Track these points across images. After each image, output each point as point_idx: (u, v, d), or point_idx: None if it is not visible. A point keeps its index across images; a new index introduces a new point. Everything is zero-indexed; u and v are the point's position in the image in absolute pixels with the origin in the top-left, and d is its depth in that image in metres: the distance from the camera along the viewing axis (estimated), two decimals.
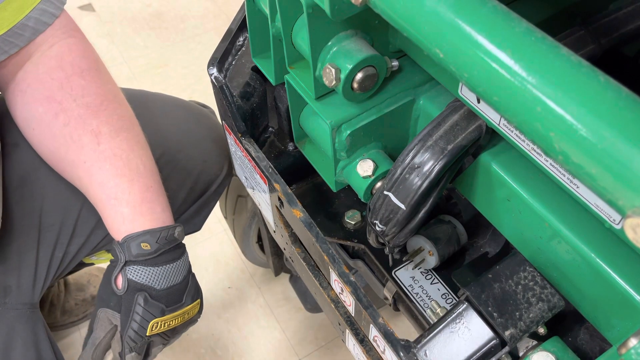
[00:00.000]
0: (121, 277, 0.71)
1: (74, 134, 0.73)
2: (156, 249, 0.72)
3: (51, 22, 0.74)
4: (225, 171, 1.01)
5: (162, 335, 0.74)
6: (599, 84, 0.34)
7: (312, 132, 0.71)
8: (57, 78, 0.74)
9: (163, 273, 0.73)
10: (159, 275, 0.72)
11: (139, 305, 0.71)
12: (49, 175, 0.82)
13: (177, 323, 0.75)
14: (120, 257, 0.71)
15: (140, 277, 0.71)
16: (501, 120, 0.52)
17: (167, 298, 0.73)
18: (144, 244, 0.71)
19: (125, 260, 0.71)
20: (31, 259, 0.82)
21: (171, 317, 0.74)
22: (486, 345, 0.55)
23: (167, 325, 0.73)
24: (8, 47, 0.71)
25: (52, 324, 1.37)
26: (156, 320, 0.72)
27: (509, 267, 0.57)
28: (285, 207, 0.77)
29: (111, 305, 0.73)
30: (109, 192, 0.73)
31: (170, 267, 0.74)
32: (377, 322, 0.63)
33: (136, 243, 0.71)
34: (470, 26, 0.39)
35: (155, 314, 0.72)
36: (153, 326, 0.72)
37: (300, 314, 1.43)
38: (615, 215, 0.46)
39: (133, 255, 0.71)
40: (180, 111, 0.99)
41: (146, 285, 0.71)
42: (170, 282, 0.73)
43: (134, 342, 0.71)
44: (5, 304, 0.80)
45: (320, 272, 0.82)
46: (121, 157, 0.73)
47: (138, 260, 0.71)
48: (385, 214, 0.58)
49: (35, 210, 0.82)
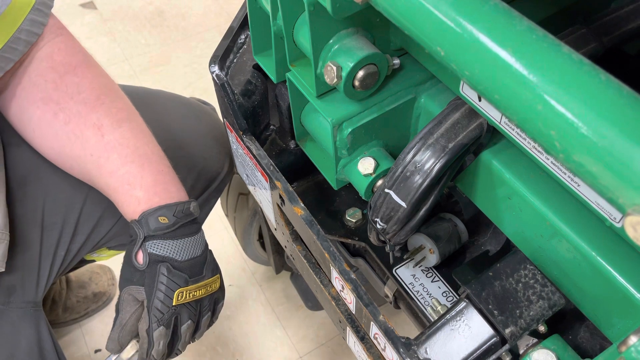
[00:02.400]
0: (141, 253, 0.71)
1: (76, 130, 0.73)
2: (174, 222, 0.72)
3: (41, 32, 0.73)
4: (227, 169, 1.01)
5: (189, 307, 0.73)
6: (600, 82, 0.34)
7: (314, 130, 0.71)
8: (51, 79, 0.74)
9: (183, 245, 0.73)
10: (179, 247, 0.72)
11: (162, 275, 0.70)
12: (51, 174, 0.83)
13: (201, 294, 0.74)
14: (139, 233, 0.71)
15: (160, 250, 0.71)
16: (502, 119, 0.52)
17: (189, 269, 0.73)
18: (162, 218, 0.71)
19: (144, 235, 0.70)
20: (34, 258, 0.82)
21: (195, 288, 0.73)
22: (487, 343, 0.55)
23: (192, 295, 0.73)
24: (4, 63, 0.70)
25: (54, 321, 1.38)
26: (181, 289, 0.71)
27: (509, 265, 0.57)
28: (286, 205, 0.77)
29: (134, 281, 0.72)
30: (121, 179, 0.73)
31: (189, 240, 0.74)
32: (377, 320, 0.63)
33: (154, 217, 0.71)
34: (471, 24, 0.39)
35: (179, 283, 0.71)
36: (178, 295, 0.71)
37: (301, 312, 1.44)
38: (615, 213, 0.46)
39: (151, 230, 0.70)
40: (182, 108, 0.99)
41: (168, 257, 0.71)
42: (190, 254, 0.73)
43: (161, 312, 0.70)
44: (10, 303, 0.80)
45: (321, 269, 0.82)
46: (128, 145, 0.74)
47: (157, 235, 0.71)
48: (386, 211, 0.58)
49: (38, 209, 0.82)
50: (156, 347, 0.72)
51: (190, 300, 0.73)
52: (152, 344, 0.71)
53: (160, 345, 0.72)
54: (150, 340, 0.71)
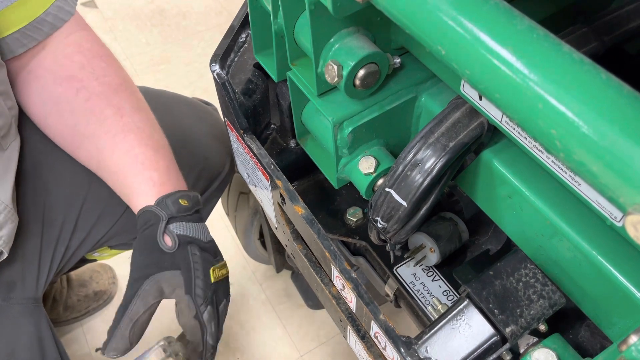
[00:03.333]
0: (167, 235, 0.69)
1: (95, 108, 0.74)
2: (192, 205, 0.72)
3: (67, 19, 0.76)
4: (227, 168, 1.01)
5: (222, 285, 0.73)
6: (600, 82, 0.34)
7: (314, 129, 0.71)
8: (78, 60, 0.76)
9: (203, 228, 0.73)
10: (201, 228, 0.72)
11: (195, 255, 0.69)
12: (52, 171, 0.83)
13: (224, 274, 0.74)
14: (161, 215, 0.69)
15: (187, 231, 0.70)
16: (503, 118, 0.52)
17: (212, 250, 0.74)
18: (182, 200, 0.71)
19: (168, 217, 0.69)
20: (35, 254, 0.82)
21: (220, 267, 0.73)
22: (487, 342, 0.55)
23: (221, 274, 0.73)
24: (27, 40, 0.73)
25: (55, 319, 1.38)
26: (213, 267, 0.71)
27: (510, 264, 0.57)
28: (287, 204, 0.77)
29: (165, 266, 0.68)
30: (134, 159, 0.73)
31: (204, 225, 0.74)
32: (378, 319, 0.63)
33: (173, 199, 0.70)
34: (472, 23, 0.39)
35: (210, 260, 0.71)
36: (213, 273, 0.70)
37: (301, 311, 1.44)
38: (616, 212, 0.46)
39: (174, 212, 0.70)
40: (183, 108, 0.99)
41: (194, 238, 0.71)
42: (209, 237, 0.74)
43: (204, 292, 0.68)
44: (10, 299, 0.80)
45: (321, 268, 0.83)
46: (144, 130, 0.75)
47: (180, 216, 0.70)
48: (386, 211, 0.58)
49: (39, 206, 0.82)
50: (209, 329, 0.69)
51: (220, 279, 0.72)
52: (206, 327, 0.69)
53: (212, 328, 0.70)
54: (202, 325, 0.69)
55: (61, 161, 0.83)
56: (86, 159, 0.79)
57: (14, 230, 0.76)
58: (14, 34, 0.71)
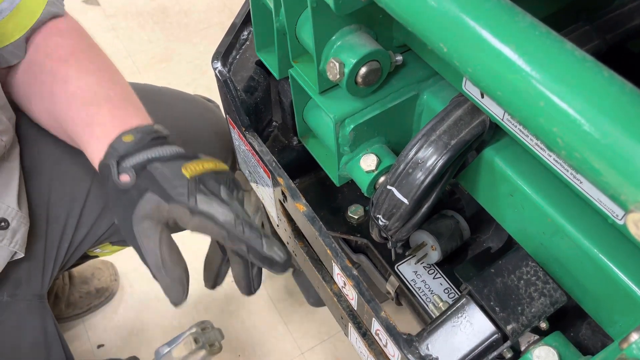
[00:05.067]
0: (123, 173, 0.61)
1: (50, 89, 0.72)
2: (140, 137, 0.63)
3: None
4: (229, 165, 1.01)
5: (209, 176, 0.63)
6: (603, 79, 0.34)
7: (316, 126, 0.71)
8: (35, 43, 0.74)
9: (162, 149, 0.63)
10: (159, 151, 0.63)
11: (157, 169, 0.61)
12: (55, 168, 0.83)
13: (211, 167, 0.64)
14: (109, 162, 0.61)
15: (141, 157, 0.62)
16: (505, 115, 0.52)
17: (181, 156, 0.63)
18: (126, 137, 0.63)
19: (117, 159, 0.61)
20: (40, 251, 0.83)
21: (196, 163, 0.63)
22: (488, 340, 0.55)
23: (203, 167, 0.63)
24: (21, 51, 0.73)
25: (57, 316, 1.38)
26: (185, 165, 0.62)
27: (511, 262, 0.57)
28: (288, 202, 0.77)
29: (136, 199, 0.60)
30: (81, 124, 0.68)
31: (168, 147, 0.64)
32: (379, 316, 0.63)
33: (117, 142, 0.63)
34: (474, 20, 0.39)
35: (178, 163, 0.62)
36: (186, 171, 0.61)
37: (303, 308, 1.44)
38: (618, 210, 0.46)
39: (120, 152, 0.62)
40: (185, 105, 0.99)
41: (152, 158, 0.62)
42: (174, 150, 0.64)
43: (181, 187, 0.60)
44: (16, 296, 0.81)
45: (323, 266, 0.83)
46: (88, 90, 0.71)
47: (129, 153, 0.62)
48: (388, 208, 0.58)
49: (43, 203, 0.83)
50: (221, 217, 0.59)
51: (204, 172, 0.62)
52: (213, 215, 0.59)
53: (225, 215, 0.59)
54: (205, 214, 0.59)
55: (63, 157, 0.84)
56: (65, 139, 0.76)
57: (26, 232, 0.76)
58: (8, 46, 0.71)
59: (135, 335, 1.42)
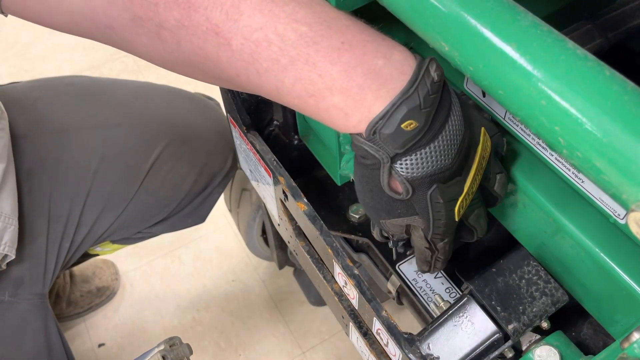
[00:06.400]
0: (396, 178, 0.47)
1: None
2: (425, 118, 0.43)
3: None
4: (230, 164, 1.01)
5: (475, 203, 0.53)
6: (604, 78, 0.34)
7: (317, 125, 0.71)
8: None
9: (441, 148, 0.45)
10: (439, 150, 0.46)
11: (437, 204, 0.48)
12: (56, 167, 0.83)
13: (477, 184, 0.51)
14: (381, 157, 0.45)
15: (420, 167, 0.46)
16: (506, 114, 0.52)
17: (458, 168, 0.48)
18: (407, 124, 0.43)
19: (390, 157, 0.45)
20: (41, 250, 0.83)
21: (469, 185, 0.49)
22: (489, 339, 0.55)
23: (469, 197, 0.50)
24: None
25: (58, 315, 1.38)
26: (459, 201, 0.49)
27: (512, 261, 0.57)
28: (289, 201, 0.77)
29: (399, 213, 0.51)
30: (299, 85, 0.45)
31: (453, 126, 0.46)
32: (380, 315, 0.63)
33: (392, 127, 0.43)
34: (475, 19, 0.38)
35: (454, 196, 0.49)
36: (460, 205, 0.50)
37: (303, 307, 1.44)
38: (619, 209, 0.46)
39: (399, 147, 0.44)
40: (187, 103, 1.00)
41: (432, 173, 0.46)
42: (453, 154, 0.46)
43: (442, 235, 0.53)
44: (18, 295, 0.81)
45: (324, 265, 0.82)
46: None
47: (407, 149, 0.45)
48: None
49: (44, 202, 0.83)
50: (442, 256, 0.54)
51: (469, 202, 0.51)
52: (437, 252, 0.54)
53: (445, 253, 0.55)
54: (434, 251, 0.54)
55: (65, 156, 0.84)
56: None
57: (16, 233, 0.76)
58: None
59: (136, 334, 1.42)
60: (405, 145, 0.44)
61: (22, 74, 2.05)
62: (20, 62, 2.11)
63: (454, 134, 0.46)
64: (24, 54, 2.13)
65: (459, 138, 0.46)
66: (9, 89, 0.90)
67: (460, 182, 0.49)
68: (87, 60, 2.06)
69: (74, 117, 0.88)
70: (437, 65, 0.43)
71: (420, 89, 0.43)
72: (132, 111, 0.93)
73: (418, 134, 0.44)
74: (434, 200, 0.48)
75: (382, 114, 0.43)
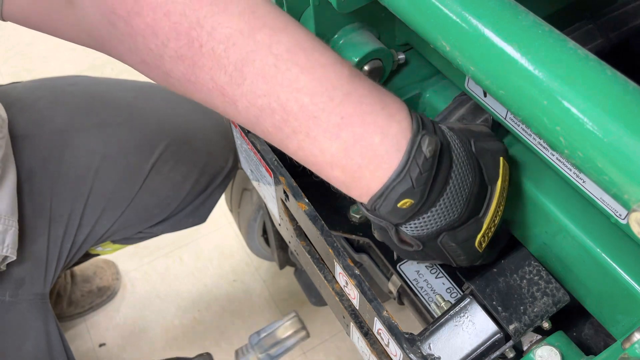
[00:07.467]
0: (404, 236, 0.49)
1: None
2: (420, 194, 0.44)
3: None
4: (231, 163, 1.01)
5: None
6: (606, 78, 0.34)
7: None
8: None
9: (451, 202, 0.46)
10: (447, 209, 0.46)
11: (450, 246, 0.49)
12: (57, 167, 0.83)
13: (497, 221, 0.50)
14: (384, 225, 0.48)
15: (425, 227, 0.47)
16: (507, 114, 0.52)
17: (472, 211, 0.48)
18: (402, 202, 0.44)
19: (394, 225, 0.47)
20: (42, 250, 0.83)
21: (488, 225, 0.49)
22: (490, 339, 0.55)
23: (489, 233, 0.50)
24: None
25: (59, 315, 1.38)
26: (477, 240, 0.50)
27: (513, 261, 0.57)
28: (290, 200, 0.77)
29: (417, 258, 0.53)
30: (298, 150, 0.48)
31: (457, 186, 0.46)
32: (381, 315, 0.63)
33: (389, 204, 0.45)
34: (477, 19, 0.38)
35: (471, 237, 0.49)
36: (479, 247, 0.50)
37: (304, 307, 1.44)
38: (621, 209, 0.46)
39: (395, 220, 0.46)
40: (188, 103, 1.00)
41: (441, 226, 0.47)
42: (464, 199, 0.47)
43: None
44: (18, 295, 0.81)
45: (325, 265, 0.82)
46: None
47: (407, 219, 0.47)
48: None
49: (46, 202, 0.83)
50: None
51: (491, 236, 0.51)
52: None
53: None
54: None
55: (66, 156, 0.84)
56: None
57: (16, 235, 0.76)
58: None
59: (137, 334, 1.42)
60: (405, 217, 0.46)
61: (24, 74, 2.05)
62: (22, 62, 2.11)
63: (457, 192, 0.46)
64: (25, 54, 2.13)
65: (466, 192, 0.47)
66: (10, 89, 0.90)
67: (479, 220, 0.49)
68: (88, 60, 2.07)
69: (75, 117, 0.88)
70: (430, 138, 0.44)
71: (411, 170, 0.44)
72: (133, 111, 0.93)
73: (415, 208, 0.45)
74: (446, 245, 0.49)
75: (379, 194, 0.45)
